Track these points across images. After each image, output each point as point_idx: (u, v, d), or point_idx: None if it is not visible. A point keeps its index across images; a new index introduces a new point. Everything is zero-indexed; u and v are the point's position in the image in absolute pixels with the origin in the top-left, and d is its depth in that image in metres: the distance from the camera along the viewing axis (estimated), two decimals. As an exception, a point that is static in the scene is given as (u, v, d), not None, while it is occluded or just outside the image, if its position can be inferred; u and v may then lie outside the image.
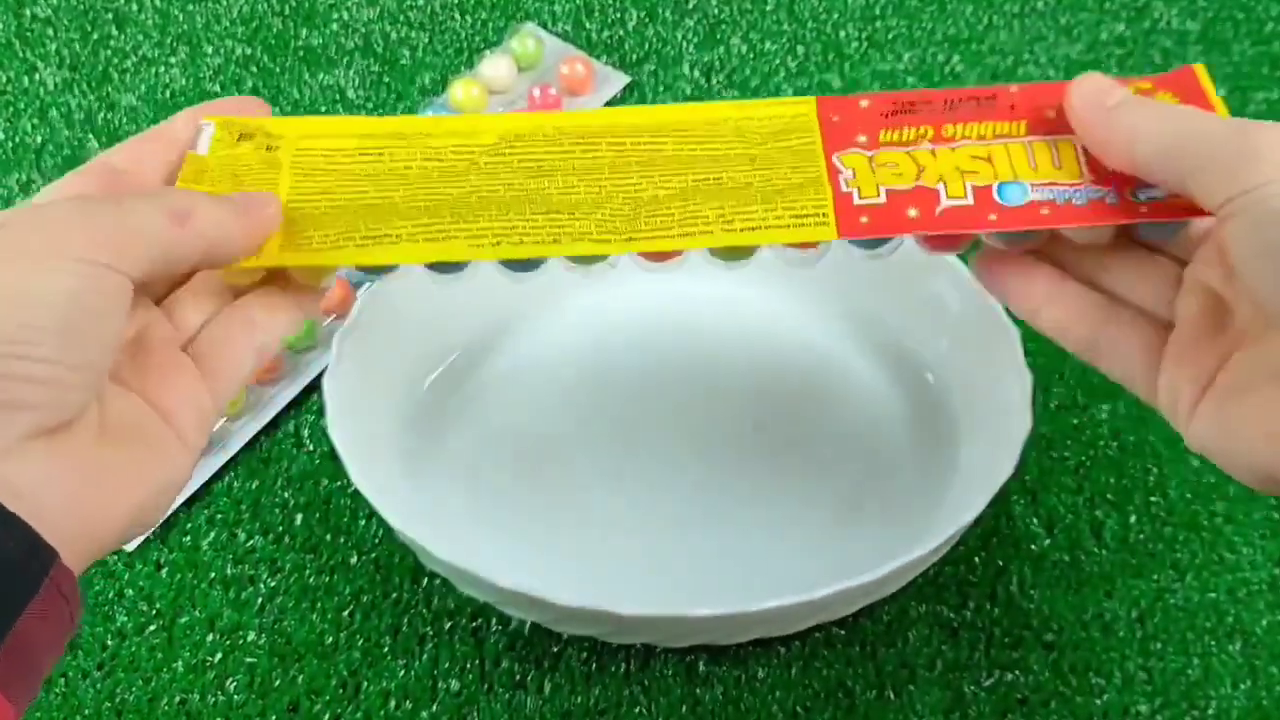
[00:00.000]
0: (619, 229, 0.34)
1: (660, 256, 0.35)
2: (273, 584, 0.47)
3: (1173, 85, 0.35)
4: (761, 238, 0.34)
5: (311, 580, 0.47)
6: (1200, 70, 0.35)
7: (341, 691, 0.44)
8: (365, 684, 0.45)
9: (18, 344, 0.27)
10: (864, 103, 0.36)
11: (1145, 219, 0.33)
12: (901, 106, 0.35)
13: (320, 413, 0.52)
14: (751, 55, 0.67)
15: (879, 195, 0.34)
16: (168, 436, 0.32)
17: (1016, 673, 0.45)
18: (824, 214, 0.34)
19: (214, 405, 0.33)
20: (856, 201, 0.34)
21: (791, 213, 0.34)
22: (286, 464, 0.51)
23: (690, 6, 0.69)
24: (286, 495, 0.50)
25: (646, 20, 0.68)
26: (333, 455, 0.51)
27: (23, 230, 0.29)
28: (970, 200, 0.34)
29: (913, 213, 0.34)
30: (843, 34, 0.68)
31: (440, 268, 0.35)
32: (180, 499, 0.49)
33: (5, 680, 0.26)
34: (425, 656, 0.45)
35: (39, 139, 0.63)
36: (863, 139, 0.35)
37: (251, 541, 0.48)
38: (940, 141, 0.35)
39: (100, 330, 0.29)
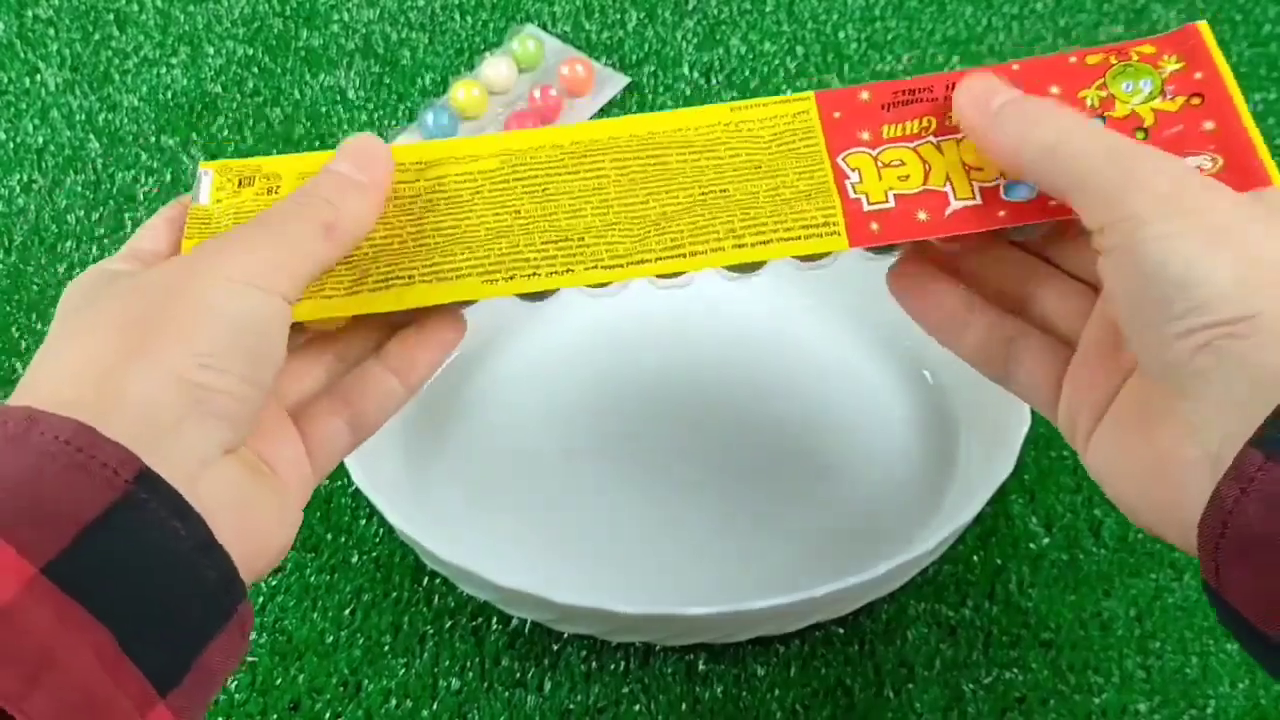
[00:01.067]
0: (630, 252, 0.34)
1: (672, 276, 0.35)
2: (274, 583, 0.47)
3: (1176, 46, 0.34)
4: (773, 252, 0.33)
5: (312, 579, 0.47)
6: (1204, 28, 0.34)
7: (342, 690, 0.44)
8: (366, 682, 0.45)
9: (209, 355, 0.28)
10: (864, 94, 0.35)
11: None
12: (901, 96, 0.35)
13: (321, 412, 0.52)
14: (751, 56, 0.67)
15: (887, 200, 0.34)
16: (287, 486, 0.32)
17: (1015, 671, 0.45)
18: (834, 223, 0.33)
19: (313, 474, 0.34)
20: (866, 208, 0.34)
21: (801, 223, 0.34)
22: (287, 463, 0.51)
23: (690, 7, 0.69)
24: (287, 494, 0.50)
25: (646, 21, 0.69)
26: (333, 455, 0.51)
27: (197, 258, 0.30)
28: (978, 200, 0.33)
29: (922, 216, 0.33)
30: (842, 35, 0.68)
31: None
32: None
33: (183, 709, 0.26)
34: (426, 655, 0.45)
35: (40, 139, 0.63)
36: (865, 135, 0.35)
37: (252, 540, 0.48)
38: (944, 133, 0.34)
39: (269, 351, 0.30)
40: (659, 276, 0.34)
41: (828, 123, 0.35)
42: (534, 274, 0.34)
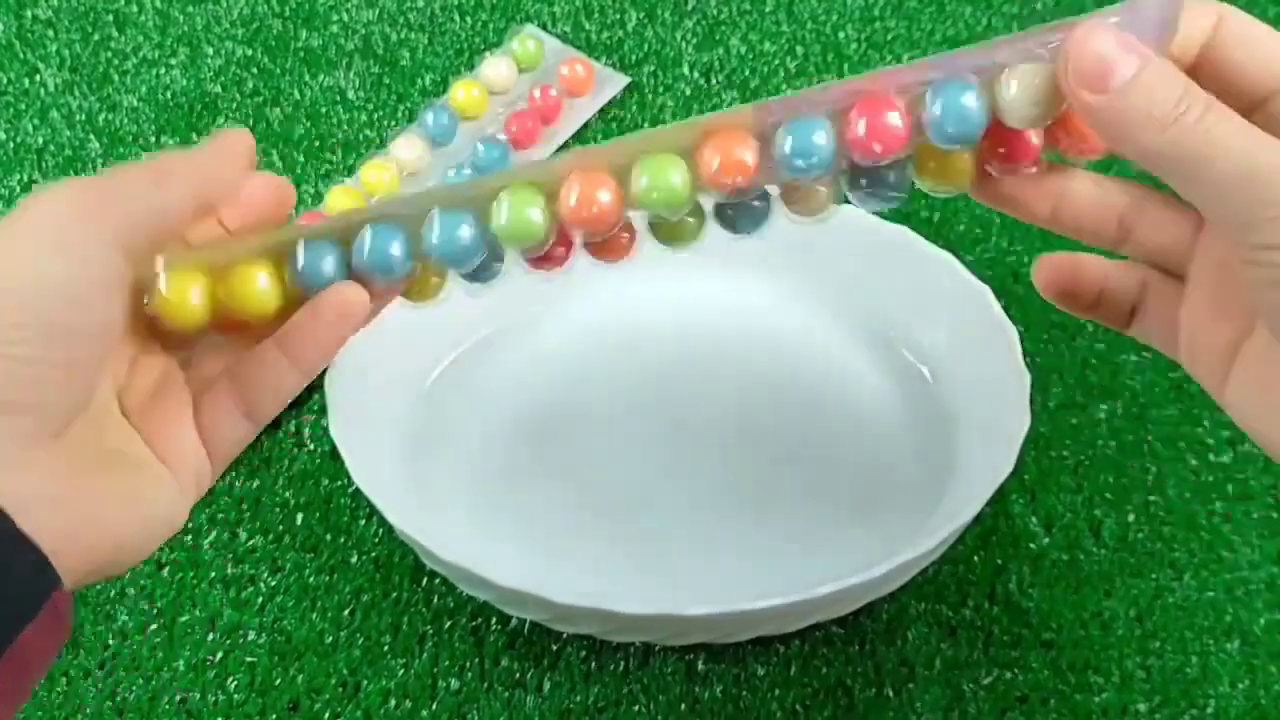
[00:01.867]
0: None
1: (608, 251, 0.35)
2: (273, 583, 0.47)
3: None
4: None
5: (312, 579, 0.47)
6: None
7: (341, 690, 0.44)
8: (365, 683, 0.45)
9: (3, 344, 0.27)
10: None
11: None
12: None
13: (321, 412, 0.52)
14: (751, 56, 0.67)
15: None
16: (166, 479, 0.32)
17: (1015, 671, 0.45)
18: None
19: (209, 465, 0.33)
20: None
21: None
22: (287, 463, 0.51)
23: (689, 7, 0.69)
24: (287, 494, 0.50)
25: (646, 21, 0.69)
26: (333, 454, 0.51)
27: (13, 218, 0.28)
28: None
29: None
30: (842, 35, 0.68)
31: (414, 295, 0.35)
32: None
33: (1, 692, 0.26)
34: (425, 655, 0.45)
35: (40, 140, 0.63)
36: None
37: (252, 541, 0.48)
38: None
39: (87, 323, 0.28)
40: (593, 251, 0.35)
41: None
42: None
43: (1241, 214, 0.27)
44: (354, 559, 0.48)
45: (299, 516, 0.49)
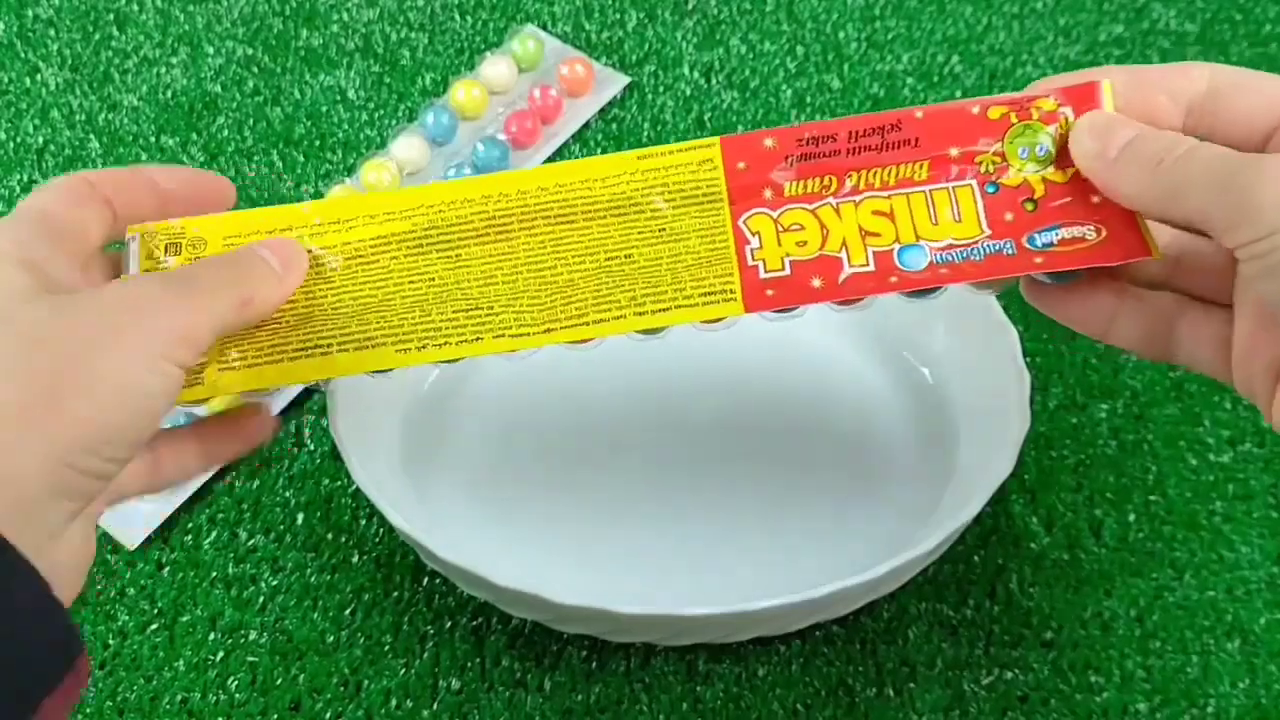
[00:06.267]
0: (537, 320, 0.36)
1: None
2: (274, 583, 0.47)
3: (1078, 104, 0.34)
4: (672, 319, 0.35)
5: (313, 579, 0.47)
6: (1106, 89, 0.34)
7: (343, 690, 0.44)
8: (366, 682, 0.45)
9: (99, 443, 0.29)
10: (768, 141, 0.36)
11: (1038, 270, 0.34)
12: (806, 148, 0.36)
13: (321, 412, 0.52)
14: (751, 56, 0.67)
15: (784, 267, 0.35)
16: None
17: (1016, 671, 0.45)
18: (731, 290, 0.35)
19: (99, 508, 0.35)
20: (763, 275, 0.35)
21: (700, 290, 0.35)
22: (288, 463, 0.51)
23: (690, 7, 0.69)
24: (288, 494, 0.50)
25: (646, 21, 0.69)
26: (334, 454, 0.51)
27: (118, 313, 0.30)
28: (872, 267, 0.35)
29: (816, 283, 0.35)
30: (842, 34, 0.68)
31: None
32: (182, 497, 0.49)
33: None
34: (426, 655, 0.45)
35: (41, 139, 0.63)
36: (768, 194, 0.36)
37: (253, 541, 0.48)
38: (843, 195, 0.35)
39: (151, 428, 0.31)
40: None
41: (731, 174, 0.36)
42: (445, 343, 0.36)
43: (1223, 218, 0.29)
44: (355, 559, 0.48)
45: (299, 516, 0.49)
